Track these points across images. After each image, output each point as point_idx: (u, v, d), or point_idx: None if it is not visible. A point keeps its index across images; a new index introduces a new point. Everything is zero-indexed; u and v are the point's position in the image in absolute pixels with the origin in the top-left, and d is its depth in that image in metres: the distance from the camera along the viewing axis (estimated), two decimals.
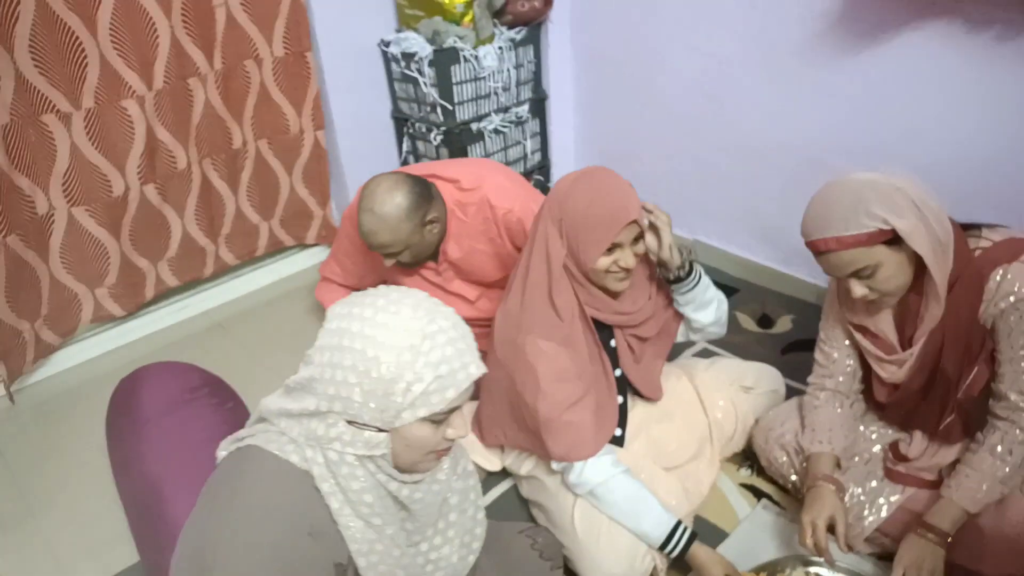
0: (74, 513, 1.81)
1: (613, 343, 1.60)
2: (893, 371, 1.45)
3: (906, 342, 1.43)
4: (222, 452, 1.05)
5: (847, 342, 1.55)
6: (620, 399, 1.64)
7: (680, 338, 1.70)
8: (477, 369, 0.96)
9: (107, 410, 1.79)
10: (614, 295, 1.50)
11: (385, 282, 2.11)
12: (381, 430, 0.93)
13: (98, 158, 2.11)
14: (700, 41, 2.34)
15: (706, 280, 1.60)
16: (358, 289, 2.10)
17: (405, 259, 1.82)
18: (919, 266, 1.31)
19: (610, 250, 1.40)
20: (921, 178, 1.31)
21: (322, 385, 0.92)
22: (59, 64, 1.94)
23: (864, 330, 1.48)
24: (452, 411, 0.96)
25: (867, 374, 1.56)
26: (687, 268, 1.53)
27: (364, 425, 0.93)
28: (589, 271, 1.43)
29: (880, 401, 1.53)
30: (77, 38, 1.95)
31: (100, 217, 2.19)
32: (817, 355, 1.60)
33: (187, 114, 2.26)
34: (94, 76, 2.01)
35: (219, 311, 2.62)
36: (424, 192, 1.77)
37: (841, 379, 1.56)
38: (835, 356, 1.56)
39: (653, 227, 1.46)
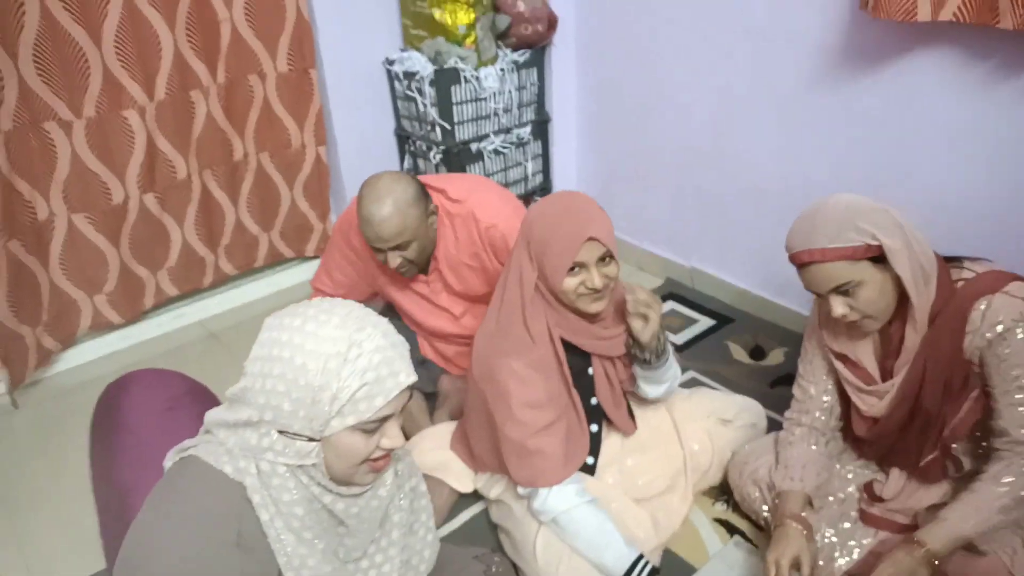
0: (54, 516, 1.83)
1: (591, 371, 1.59)
2: (873, 403, 1.43)
3: (887, 374, 1.41)
4: (168, 462, 1.05)
5: (825, 377, 1.53)
6: (595, 427, 1.63)
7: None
8: (407, 377, 0.95)
9: (92, 415, 1.81)
10: (590, 318, 1.49)
11: (375, 294, 2.12)
12: (312, 439, 0.94)
13: (98, 166, 2.15)
14: (705, 71, 2.34)
15: (671, 361, 1.61)
16: (351, 298, 2.11)
17: (412, 255, 1.79)
18: (902, 295, 1.30)
19: (575, 271, 1.40)
20: (919, 213, 1.32)
21: (254, 395, 0.93)
22: (62, 73, 1.99)
23: (844, 359, 1.46)
24: (385, 420, 0.96)
25: (846, 410, 1.53)
26: (660, 354, 1.53)
27: (295, 435, 0.93)
28: (559, 293, 1.43)
29: (859, 436, 1.50)
30: (81, 48, 1.99)
31: (99, 224, 2.23)
32: (795, 390, 1.58)
33: (188, 125, 2.30)
34: (96, 86, 2.05)
35: (215, 321, 2.64)
36: (420, 185, 1.79)
37: (818, 414, 1.53)
38: (812, 391, 1.54)
39: (642, 314, 1.45)
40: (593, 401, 1.61)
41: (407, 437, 1.88)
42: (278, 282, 2.80)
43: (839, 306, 1.31)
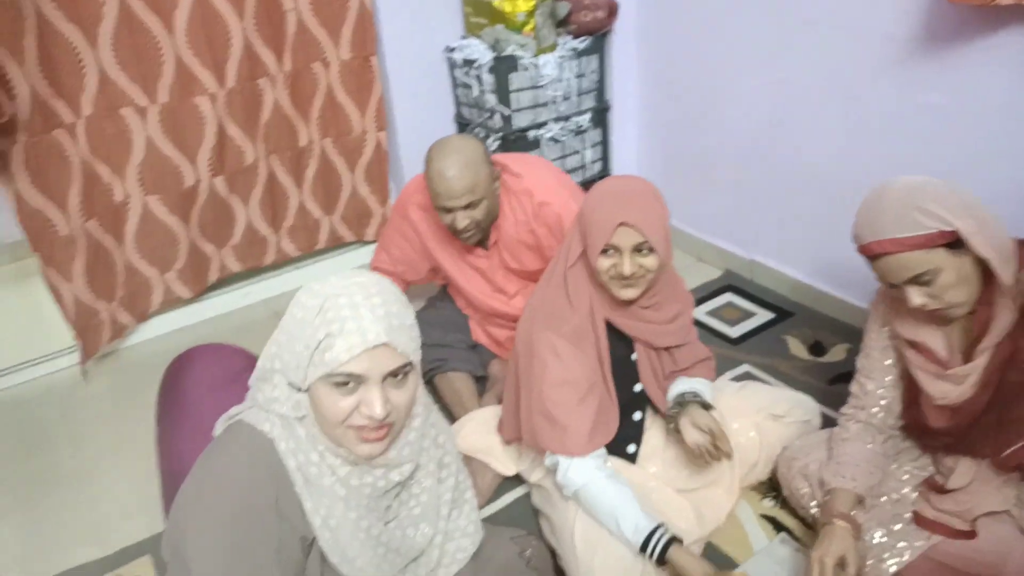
0: (121, 481, 1.94)
1: (634, 357, 1.58)
2: (948, 390, 1.34)
3: (964, 359, 1.34)
4: (217, 430, 1.10)
5: (884, 372, 1.47)
6: (638, 415, 1.62)
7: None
8: (375, 337, 0.94)
9: (159, 385, 1.91)
10: (625, 302, 1.48)
11: (434, 273, 2.15)
12: (300, 390, 0.99)
13: (171, 150, 2.25)
14: (766, 62, 2.28)
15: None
16: (408, 276, 2.16)
17: (479, 214, 1.79)
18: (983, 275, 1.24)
19: (609, 253, 1.39)
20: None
21: (271, 346, 1.02)
22: (137, 61, 2.09)
23: (916, 346, 1.38)
24: (357, 383, 0.95)
25: (911, 405, 1.46)
26: None
27: (296, 388, 0.99)
28: (594, 271, 1.44)
29: (933, 427, 1.41)
30: (155, 38, 2.09)
31: (172, 206, 2.34)
32: (853, 386, 1.53)
33: (257, 112, 2.38)
34: (170, 74, 2.15)
35: (279, 300, 2.74)
36: (487, 147, 1.82)
37: (875, 411, 1.48)
38: (869, 387, 1.49)
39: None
40: (637, 388, 1.60)
41: (454, 419, 1.92)
42: (339, 264, 2.88)
43: (917, 296, 1.25)
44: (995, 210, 1.87)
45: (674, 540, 1.35)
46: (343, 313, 0.95)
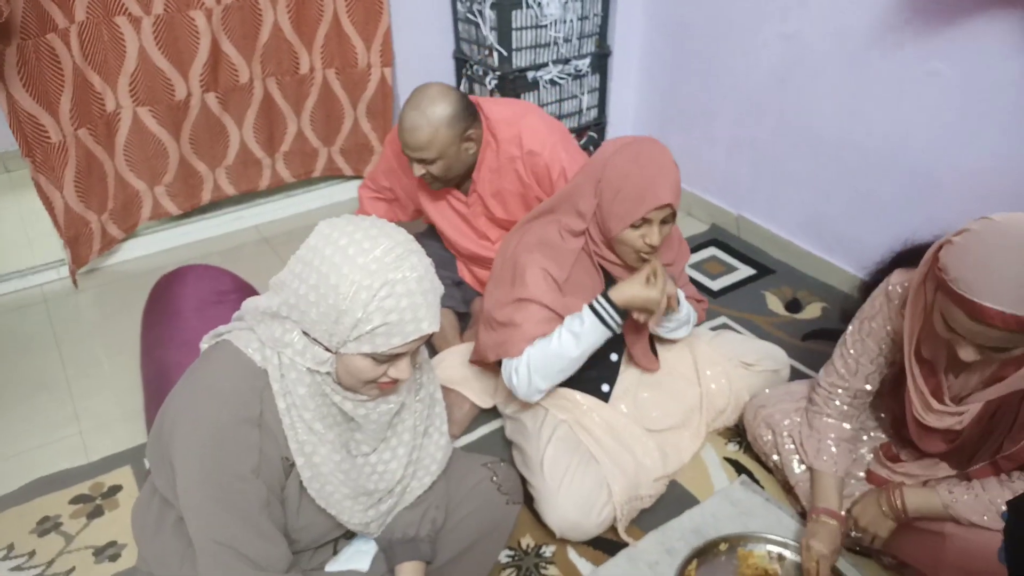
0: (104, 388, 1.98)
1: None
2: (932, 419, 1.32)
3: (960, 390, 1.30)
4: (204, 344, 1.13)
5: (873, 363, 1.44)
6: (615, 356, 1.67)
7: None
8: (430, 326, 0.98)
9: (146, 300, 1.93)
10: (629, 269, 1.51)
11: (419, 212, 2.17)
12: (328, 350, 0.99)
13: (163, 63, 2.23)
14: (775, 17, 2.26)
15: (682, 313, 1.64)
16: (394, 200, 2.17)
17: (436, 171, 1.82)
18: None
19: (638, 226, 1.42)
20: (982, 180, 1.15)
21: (287, 292, 0.99)
22: None
23: (923, 365, 1.31)
24: (398, 356, 1.00)
25: (891, 398, 1.48)
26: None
27: (315, 340, 0.99)
28: (612, 239, 1.45)
29: (908, 432, 1.40)
30: None
31: (162, 118, 2.32)
32: (837, 361, 1.48)
33: (255, 31, 2.35)
34: None
35: (269, 227, 2.75)
36: (469, 107, 1.81)
37: (856, 395, 1.48)
38: (856, 370, 1.45)
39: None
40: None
41: (436, 351, 1.97)
42: (333, 195, 2.88)
43: (972, 354, 1.15)
44: (991, 185, 1.90)
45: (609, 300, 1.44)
46: (402, 303, 0.94)
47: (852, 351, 1.45)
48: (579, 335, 1.46)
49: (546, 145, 1.87)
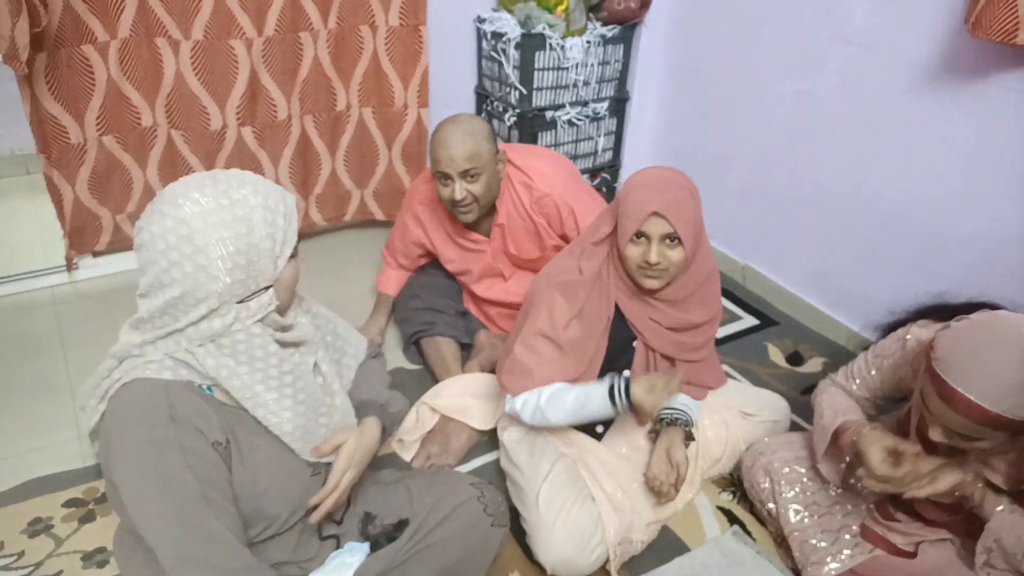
0: None
1: (635, 344, 1.63)
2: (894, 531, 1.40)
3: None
4: (95, 409, 1.11)
5: (883, 385, 1.52)
6: None
7: None
8: (291, 197, 1.12)
9: None
10: (647, 291, 1.53)
11: (427, 255, 2.20)
12: (268, 287, 1.08)
13: (199, 89, 2.24)
14: (791, 74, 2.31)
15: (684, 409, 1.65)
16: (411, 271, 2.22)
17: (477, 189, 1.82)
18: None
19: (639, 240, 1.45)
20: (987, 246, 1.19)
21: (202, 289, 1.01)
22: None
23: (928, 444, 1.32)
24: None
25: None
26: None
27: (252, 295, 1.06)
28: (622, 256, 1.49)
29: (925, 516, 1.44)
30: None
31: (194, 145, 2.33)
32: (860, 363, 1.56)
33: (295, 67, 2.35)
34: (207, 11, 2.14)
35: None
36: (494, 129, 1.88)
37: (863, 402, 1.56)
38: (871, 384, 1.54)
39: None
40: (625, 374, 1.64)
41: (438, 380, 1.98)
42: (361, 239, 2.82)
43: (939, 435, 1.21)
44: (994, 250, 1.92)
45: (628, 381, 1.44)
46: (270, 194, 1.08)
47: (878, 362, 1.52)
48: (587, 398, 1.47)
49: (554, 185, 1.93)
